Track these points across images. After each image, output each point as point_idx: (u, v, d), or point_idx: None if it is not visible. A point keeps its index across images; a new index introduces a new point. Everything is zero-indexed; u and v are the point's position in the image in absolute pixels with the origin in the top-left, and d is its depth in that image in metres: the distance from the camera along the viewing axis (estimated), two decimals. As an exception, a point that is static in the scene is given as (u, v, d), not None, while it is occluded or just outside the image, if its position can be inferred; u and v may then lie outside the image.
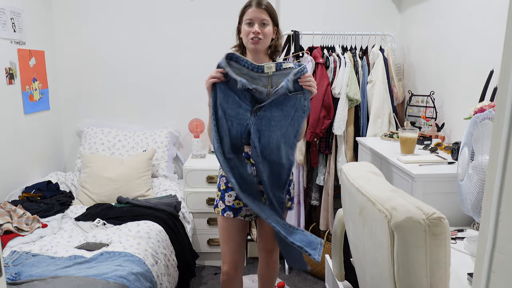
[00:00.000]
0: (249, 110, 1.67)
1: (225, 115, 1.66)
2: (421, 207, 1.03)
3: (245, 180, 1.71)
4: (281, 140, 1.68)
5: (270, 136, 1.68)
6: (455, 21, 2.33)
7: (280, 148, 1.69)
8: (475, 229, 1.74)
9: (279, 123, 1.67)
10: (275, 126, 1.67)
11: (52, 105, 3.10)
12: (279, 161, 1.70)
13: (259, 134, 1.68)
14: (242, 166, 1.72)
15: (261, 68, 1.64)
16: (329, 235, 2.69)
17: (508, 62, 0.62)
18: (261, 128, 1.68)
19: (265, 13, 1.72)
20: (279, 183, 1.74)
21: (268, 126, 1.67)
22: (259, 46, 1.74)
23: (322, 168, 2.76)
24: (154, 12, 3.14)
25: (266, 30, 1.73)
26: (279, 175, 1.73)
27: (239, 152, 1.74)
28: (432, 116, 2.50)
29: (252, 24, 1.72)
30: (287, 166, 1.73)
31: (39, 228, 2.21)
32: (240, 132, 1.69)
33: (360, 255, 1.31)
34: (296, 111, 1.65)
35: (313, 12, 3.06)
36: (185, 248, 2.43)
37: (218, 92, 1.65)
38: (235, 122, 1.67)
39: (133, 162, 2.76)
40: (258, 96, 1.66)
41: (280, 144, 1.68)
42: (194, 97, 3.20)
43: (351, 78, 2.61)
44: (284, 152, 1.70)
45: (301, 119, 1.67)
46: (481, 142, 1.37)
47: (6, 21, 2.53)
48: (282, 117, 1.67)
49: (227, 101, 1.65)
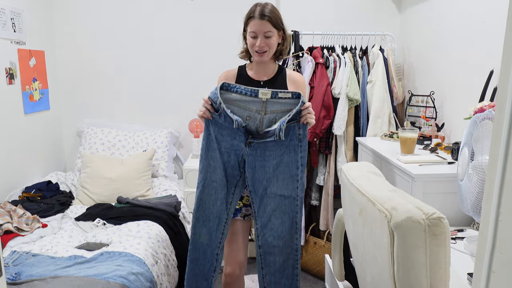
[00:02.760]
0: (243, 141, 1.65)
1: (221, 148, 1.66)
2: (421, 207, 1.03)
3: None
4: (279, 170, 1.65)
5: (266, 166, 1.65)
6: (455, 21, 2.33)
7: (278, 178, 1.66)
8: (475, 229, 1.74)
9: (274, 153, 1.64)
10: (269, 156, 1.64)
11: (52, 105, 3.10)
12: (281, 193, 1.66)
13: (254, 164, 1.66)
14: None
15: (255, 92, 1.60)
16: (329, 235, 2.69)
17: (508, 62, 0.62)
18: (256, 159, 1.66)
19: (268, 24, 1.69)
20: (291, 223, 1.68)
21: (262, 156, 1.65)
22: (264, 58, 1.75)
23: (322, 168, 2.76)
24: (154, 12, 3.14)
25: (270, 42, 1.72)
26: (285, 212, 1.67)
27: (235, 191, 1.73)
28: (432, 116, 2.50)
29: (256, 37, 1.71)
30: (293, 200, 1.66)
31: (39, 228, 2.21)
32: (237, 162, 1.68)
33: (360, 255, 1.31)
34: (291, 140, 1.62)
35: (313, 12, 3.06)
36: (185, 248, 2.42)
37: (212, 126, 1.65)
38: (232, 153, 1.67)
39: (133, 162, 2.76)
40: (251, 123, 1.63)
41: (279, 174, 1.65)
42: (194, 97, 3.20)
43: (351, 78, 2.61)
44: (286, 183, 1.66)
45: (298, 148, 1.63)
46: (481, 142, 1.37)
47: (6, 21, 2.53)
48: (276, 146, 1.63)
49: (221, 134, 1.65)
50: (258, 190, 1.68)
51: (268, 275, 1.75)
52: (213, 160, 1.68)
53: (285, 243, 1.70)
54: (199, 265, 1.78)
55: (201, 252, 1.76)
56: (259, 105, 1.61)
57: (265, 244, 1.71)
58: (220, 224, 1.73)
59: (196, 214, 1.74)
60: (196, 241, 1.76)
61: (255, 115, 1.62)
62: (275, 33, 1.73)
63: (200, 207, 1.72)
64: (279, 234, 1.69)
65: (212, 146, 1.66)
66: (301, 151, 1.64)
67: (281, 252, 1.71)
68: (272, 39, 1.72)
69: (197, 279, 1.79)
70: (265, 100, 1.60)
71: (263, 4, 1.74)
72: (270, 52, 1.75)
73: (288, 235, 1.69)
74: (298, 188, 1.67)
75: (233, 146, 1.66)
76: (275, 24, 1.72)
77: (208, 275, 1.78)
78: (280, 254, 1.71)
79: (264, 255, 1.73)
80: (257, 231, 1.72)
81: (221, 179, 1.69)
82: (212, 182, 1.70)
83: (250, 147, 1.65)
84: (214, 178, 1.69)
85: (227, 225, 1.75)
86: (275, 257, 1.72)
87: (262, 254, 1.73)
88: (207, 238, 1.74)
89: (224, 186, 1.70)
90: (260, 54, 1.73)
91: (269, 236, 1.70)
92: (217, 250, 1.75)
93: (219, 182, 1.69)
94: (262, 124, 1.63)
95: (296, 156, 1.64)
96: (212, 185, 1.70)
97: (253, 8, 1.73)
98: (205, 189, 1.70)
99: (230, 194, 1.72)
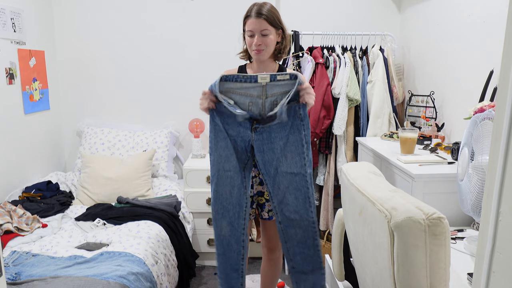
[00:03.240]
0: (249, 128, 1.70)
1: (229, 136, 1.71)
2: (421, 207, 1.03)
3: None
4: (286, 149, 1.70)
5: (274, 148, 1.70)
6: (455, 21, 2.34)
7: (287, 157, 1.71)
8: (475, 229, 1.74)
9: (279, 134, 1.69)
10: (275, 138, 1.70)
11: (52, 105, 3.10)
12: (291, 171, 1.71)
13: (262, 148, 1.71)
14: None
15: (254, 78, 1.64)
16: (329, 235, 2.69)
17: (508, 62, 0.62)
18: (264, 142, 1.71)
19: (264, 23, 1.71)
20: (304, 198, 1.74)
21: (269, 138, 1.70)
22: (262, 56, 1.77)
23: (322, 168, 2.76)
24: (154, 12, 3.14)
25: (267, 40, 1.73)
26: (297, 188, 1.73)
27: (246, 169, 1.77)
28: (432, 116, 2.50)
29: (253, 35, 1.73)
30: (302, 177, 1.72)
31: (39, 228, 2.21)
32: (244, 147, 1.73)
33: (360, 255, 1.31)
34: (294, 119, 1.67)
35: (313, 12, 3.06)
36: (185, 248, 2.43)
37: (217, 116, 1.70)
38: (238, 139, 1.72)
39: (133, 162, 2.76)
40: (254, 109, 1.68)
41: (287, 153, 1.70)
42: (194, 97, 3.19)
43: (351, 78, 2.61)
44: (294, 161, 1.71)
45: (301, 127, 1.68)
46: (481, 142, 1.37)
47: (6, 21, 2.53)
48: (280, 127, 1.68)
49: (227, 122, 1.70)
50: (270, 171, 1.73)
51: (292, 247, 1.80)
52: (224, 150, 1.72)
53: (301, 217, 1.75)
54: (227, 258, 1.82)
55: (225, 245, 1.80)
56: (259, 89, 1.65)
57: (284, 219, 1.77)
58: (241, 210, 1.77)
59: (214, 207, 1.77)
60: (219, 234, 1.80)
61: (256, 100, 1.66)
62: (273, 32, 1.74)
63: (217, 199, 1.76)
64: (295, 208, 1.75)
65: (221, 136, 1.71)
66: (304, 129, 1.68)
67: (300, 225, 1.76)
68: (269, 37, 1.73)
69: (227, 272, 1.83)
70: (264, 84, 1.64)
71: (261, 3, 1.75)
72: (268, 50, 1.76)
73: (303, 209, 1.75)
74: (306, 165, 1.71)
75: (239, 132, 1.71)
76: (272, 22, 1.73)
77: (237, 265, 1.82)
78: (299, 226, 1.77)
79: (286, 229, 1.78)
80: (274, 208, 1.77)
81: (235, 166, 1.74)
82: (226, 171, 1.74)
83: (256, 132, 1.70)
84: (228, 167, 1.73)
85: (247, 209, 1.79)
86: (295, 229, 1.77)
87: (284, 229, 1.79)
88: (229, 229, 1.78)
89: (239, 172, 1.75)
90: (258, 53, 1.75)
91: (286, 211, 1.75)
92: (242, 236, 1.79)
93: (233, 170, 1.74)
94: (264, 108, 1.67)
95: (300, 134, 1.68)
96: (227, 175, 1.74)
97: (251, 8, 1.75)
98: (219, 180, 1.74)
99: (244, 178, 1.77)
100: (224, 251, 1.81)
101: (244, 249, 1.82)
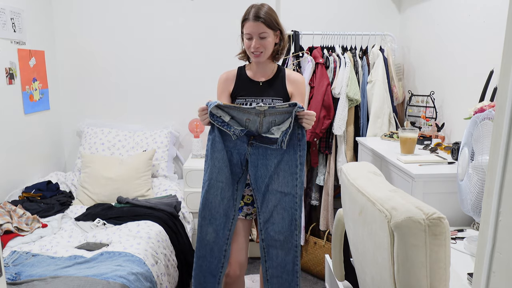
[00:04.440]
0: (246, 142, 1.72)
1: (225, 148, 1.72)
2: (421, 207, 1.03)
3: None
4: (280, 167, 1.71)
5: (268, 164, 1.71)
6: (455, 21, 2.34)
7: (279, 175, 1.71)
8: (475, 229, 1.74)
9: (275, 151, 1.70)
10: (271, 155, 1.71)
11: (52, 105, 3.10)
12: (282, 190, 1.72)
13: (257, 163, 1.72)
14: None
15: (253, 108, 1.64)
16: (329, 235, 2.69)
17: (508, 62, 0.62)
18: (259, 157, 1.72)
19: (262, 26, 1.70)
20: (291, 219, 1.74)
21: (264, 154, 1.71)
22: (260, 59, 1.77)
23: (322, 168, 2.76)
24: (154, 12, 3.14)
25: (265, 43, 1.73)
26: (285, 208, 1.73)
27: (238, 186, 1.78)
28: (432, 116, 2.50)
29: (251, 38, 1.73)
30: (292, 197, 1.72)
31: (39, 228, 2.21)
32: (240, 161, 1.74)
33: (360, 255, 1.31)
34: (291, 139, 1.68)
35: (313, 12, 3.06)
36: (185, 248, 2.43)
37: (216, 129, 1.70)
38: (235, 152, 1.73)
39: (133, 162, 2.76)
40: (251, 125, 1.68)
41: (280, 171, 1.71)
42: (194, 97, 3.20)
43: (351, 78, 2.61)
44: (286, 181, 1.71)
45: (297, 147, 1.68)
46: (481, 142, 1.37)
47: (6, 21, 2.53)
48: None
49: (225, 134, 1.71)
50: (261, 187, 1.74)
51: (271, 268, 1.80)
52: (218, 161, 1.72)
53: (286, 238, 1.75)
54: (207, 262, 1.81)
55: (208, 250, 1.80)
56: (258, 111, 1.66)
57: (268, 237, 1.77)
58: (228, 221, 1.78)
59: (202, 213, 1.77)
60: (202, 239, 1.79)
61: (254, 117, 1.67)
62: (271, 34, 1.74)
63: (206, 206, 1.76)
64: (280, 229, 1.75)
65: (218, 147, 1.71)
66: (300, 150, 1.69)
67: (282, 247, 1.76)
68: (267, 40, 1.73)
69: (205, 275, 1.82)
70: (262, 111, 1.64)
71: (258, 5, 1.74)
72: (266, 52, 1.76)
73: (288, 230, 1.75)
74: (297, 186, 1.72)
75: (236, 145, 1.72)
76: (270, 25, 1.72)
77: (215, 271, 1.82)
78: (282, 248, 1.76)
79: (267, 248, 1.79)
80: (260, 225, 1.77)
81: (227, 178, 1.74)
82: (218, 182, 1.74)
83: (253, 147, 1.72)
84: (220, 178, 1.73)
85: (234, 221, 1.79)
86: (277, 250, 1.77)
87: (265, 248, 1.79)
88: (214, 236, 1.78)
89: (230, 184, 1.75)
90: (256, 55, 1.75)
91: (271, 231, 1.76)
92: (225, 246, 1.80)
93: (225, 181, 1.74)
94: (261, 125, 1.68)
95: (295, 155, 1.69)
96: (218, 185, 1.74)
97: (248, 10, 1.74)
98: (210, 189, 1.74)
99: (235, 191, 1.78)
100: (205, 254, 1.80)
101: (225, 258, 1.81)
